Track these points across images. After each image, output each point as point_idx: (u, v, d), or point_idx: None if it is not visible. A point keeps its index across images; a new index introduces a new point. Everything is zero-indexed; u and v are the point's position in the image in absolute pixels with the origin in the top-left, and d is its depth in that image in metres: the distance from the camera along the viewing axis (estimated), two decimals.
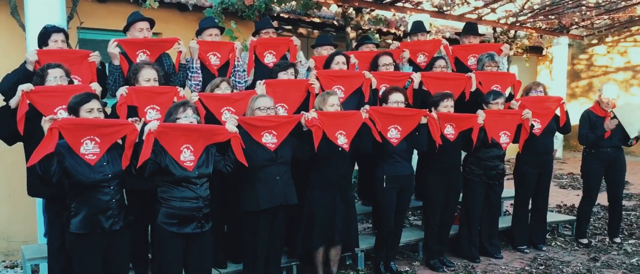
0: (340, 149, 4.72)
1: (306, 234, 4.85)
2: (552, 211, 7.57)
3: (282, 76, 5.13)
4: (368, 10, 9.16)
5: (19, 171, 4.87)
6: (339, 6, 8.57)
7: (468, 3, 10.23)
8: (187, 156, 3.88)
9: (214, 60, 5.26)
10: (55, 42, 4.60)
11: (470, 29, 6.77)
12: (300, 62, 5.76)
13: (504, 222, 6.51)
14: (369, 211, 6.19)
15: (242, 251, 4.71)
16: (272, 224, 4.53)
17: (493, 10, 10.93)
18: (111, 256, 3.80)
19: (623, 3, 11.62)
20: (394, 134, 5.06)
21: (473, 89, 5.88)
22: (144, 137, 3.64)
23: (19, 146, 4.32)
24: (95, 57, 4.69)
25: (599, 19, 12.99)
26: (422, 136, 5.21)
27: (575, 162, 11.07)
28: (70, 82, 4.33)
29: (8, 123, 4.03)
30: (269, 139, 4.43)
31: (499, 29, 12.20)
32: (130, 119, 3.79)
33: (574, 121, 6.38)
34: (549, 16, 12.06)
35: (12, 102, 4.01)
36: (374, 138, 4.88)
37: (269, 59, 5.53)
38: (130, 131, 3.71)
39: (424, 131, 5.20)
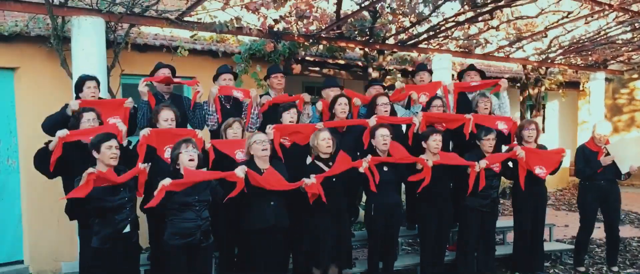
0: (333, 179, 5.36)
1: (303, 256, 5.50)
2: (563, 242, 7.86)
3: (286, 116, 5.82)
4: (390, 52, 9.76)
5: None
6: (360, 49, 9.24)
7: (490, 43, 10.65)
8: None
9: (238, 94, 6.03)
10: (88, 88, 5.47)
11: (472, 67, 7.30)
12: (308, 114, 6.40)
13: (508, 250, 6.91)
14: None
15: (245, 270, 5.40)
16: (270, 245, 5.18)
17: (520, 47, 11.24)
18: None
19: None
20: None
21: (471, 129, 6.37)
22: (155, 192, 4.41)
23: None
24: (129, 103, 5.56)
25: (636, 54, 13.08)
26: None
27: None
28: (101, 123, 5.17)
29: (48, 162, 4.85)
30: None
31: (529, 66, 12.51)
32: (141, 165, 4.60)
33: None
34: (582, 52, 12.28)
35: (51, 145, 4.84)
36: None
37: None
38: (141, 174, 4.60)
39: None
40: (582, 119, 15.58)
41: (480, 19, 9.12)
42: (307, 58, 9.20)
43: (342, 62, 9.75)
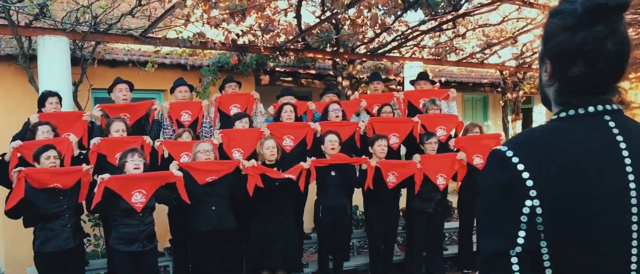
0: (276, 183, 5.69)
1: (251, 259, 5.84)
2: None
3: (238, 125, 6.18)
4: (360, 61, 10.08)
5: None
6: (328, 59, 9.58)
7: (463, 50, 10.93)
8: (138, 198, 4.97)
9: (186, 117, 6.38)
10: (50, 103, 5.87)
11: (422, 76, 7.60)
12: (261, 112, 6.78)
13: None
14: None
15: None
16: (215, 247, 5.52)
17: (493, 53, 11.44)
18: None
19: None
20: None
21: (420, 130, 6.68)
22: (95, 189, 4.79)
23: None
24: (87, 116, 5.94)
25: None
26: (361, 177, 6.11)
27: None
28: (56, 136, 5.55)
29: (6, 173, 5.15)
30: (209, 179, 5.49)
31: (506, 71, 12.74)
32: (84, 167, 4.98)
33: None
34: None
35: (7, 157, 5.22)
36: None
37: (234, 111, 6.59)
38: (84, 175, 4.92)
39: (362, 174, 6.09)
40: None
41: (444, 27, 9.43)
42: (278, 69, 9.53)
43: (313, 72, 10.07)
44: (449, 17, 8.82)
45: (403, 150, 7.17)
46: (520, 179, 1.35)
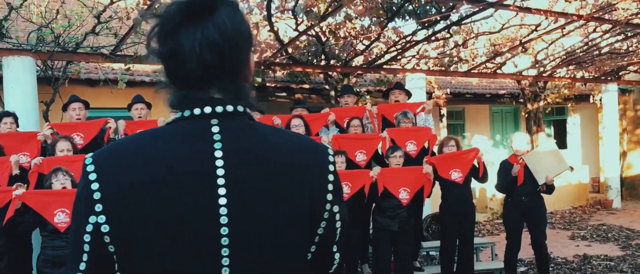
0: None
1: None
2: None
3: None
4: (357, 74, 9.80)
5: None
6: (319, 73, 9.34)
7: (472, 60, 10.46)
8: (61, 218, 4.84)
9: None
10: (5, 123, 5.89)
11: (398, 85, 7.24)
12: None
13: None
14: None
15: None
16: None
17: (503, 63, 10.91)
18: None
19: None
20: None
21: (388, 145, 6.34)
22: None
23: None
24: (40, 136, 5.92)
25: None
26: None
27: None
28: (1, 154, 5.54)
29: None
30: None
31: (524, 81, 12.16)
32: (15, 192, 4.87)
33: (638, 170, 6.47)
34: (582, 64, 11.81)
35: None
36: None
37: None
38: (14, 199, 4.83)
39: None
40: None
41: (440, 36, 9.04)
42: (269, 84, 9.36)
43: (307, 86, 9.85)
44: (442, 25, 8.47)
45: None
46: (89, 190, 1.15)
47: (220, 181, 1.15)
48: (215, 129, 1.19)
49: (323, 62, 8.97)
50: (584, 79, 12.78)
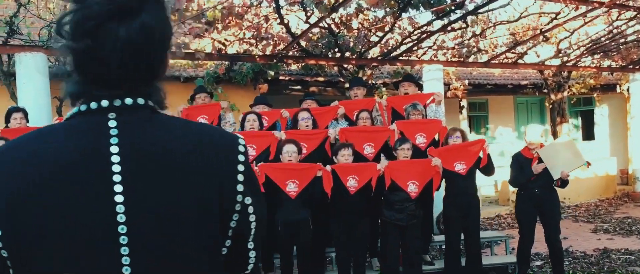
0: None
1: None
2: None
3: None
4: (374, 66, 9.68)
5: None
6: (334, 66, 9.25)
7: (486, 51, 10.26)
8: None
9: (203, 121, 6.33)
10: (15, 119, 5.98)
11: (408, 77, 7.12)
12: (229, 122, 6.60)
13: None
14: None
15: None
16: None
17: (526, 51, 10.67)
18: None
19: None
20: (292, 188, 5.70)
21: (397, 138, 6.24)
22: None
23: None
24: None
25: None
26: (318, 186, 5.76)
27: None
28: None
29: None
30: None
31: (547, 71, 11.87)
32: None
33: None
34: (609, 53, 11.50)
35: None
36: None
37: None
38: None
39: (319, 182, 5.75)
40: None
41: (456, 26, 8.88)
42: (282, 78, 9.32)
43: (321, 79, 9.77)
44: (459, 13, 8.30)
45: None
46: None
47: (116, 178, 1.09)
48: (112, 123, 1.12)
49: (338, 55, 8.88)
50: (610, 68, 12.42)
